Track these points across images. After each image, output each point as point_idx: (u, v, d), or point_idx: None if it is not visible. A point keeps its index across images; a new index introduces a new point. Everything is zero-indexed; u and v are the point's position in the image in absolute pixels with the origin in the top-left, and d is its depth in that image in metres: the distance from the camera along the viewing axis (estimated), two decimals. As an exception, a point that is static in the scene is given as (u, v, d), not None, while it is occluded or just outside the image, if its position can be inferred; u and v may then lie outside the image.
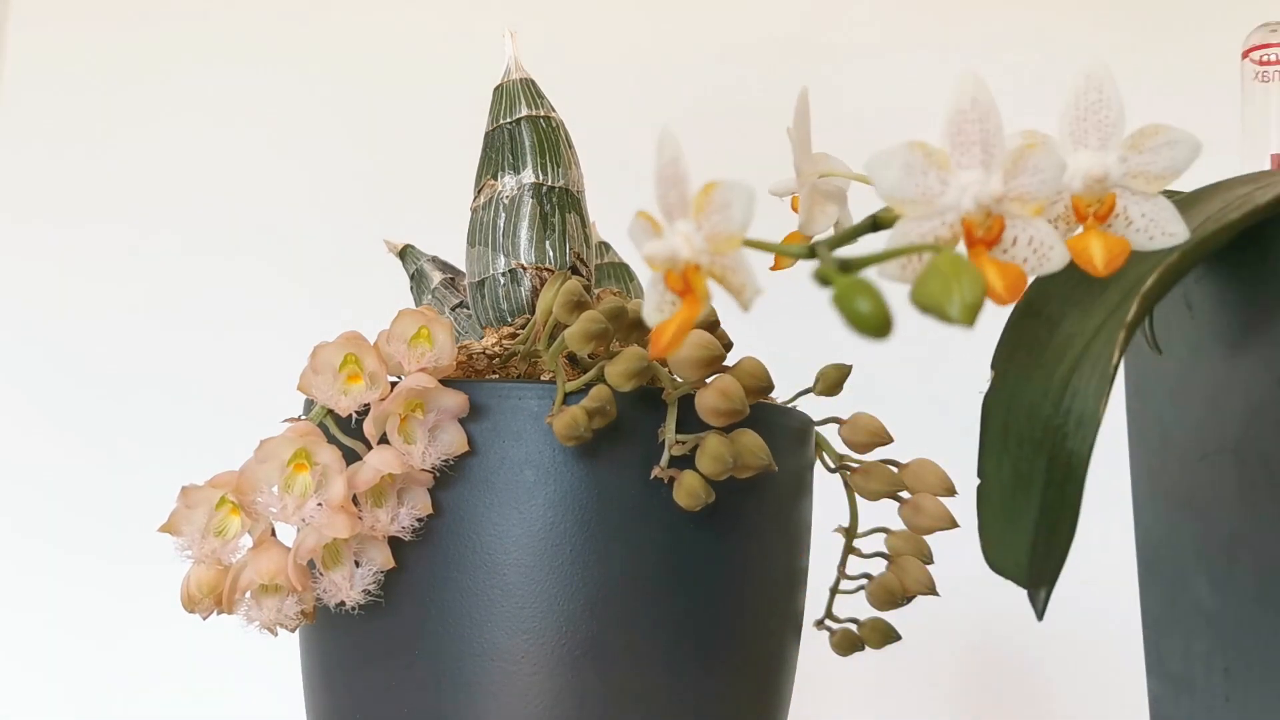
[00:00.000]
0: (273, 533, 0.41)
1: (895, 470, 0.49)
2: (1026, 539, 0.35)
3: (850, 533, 0.51)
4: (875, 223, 0.32)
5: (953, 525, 0.47)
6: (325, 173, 0.93)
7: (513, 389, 0.43)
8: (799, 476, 0.48)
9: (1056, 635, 0.86)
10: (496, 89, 0.50)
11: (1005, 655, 0.86)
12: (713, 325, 0.43)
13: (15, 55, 0.94)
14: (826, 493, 0.50)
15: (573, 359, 0.46)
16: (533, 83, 0.49)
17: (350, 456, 0.41)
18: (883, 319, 0.26)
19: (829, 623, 0.52)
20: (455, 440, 0.42)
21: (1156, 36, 0.91)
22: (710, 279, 0.30)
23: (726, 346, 0.45)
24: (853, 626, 0.52)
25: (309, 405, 0.45)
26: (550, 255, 0.48)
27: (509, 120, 0.49)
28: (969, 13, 0.94)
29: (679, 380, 0.42)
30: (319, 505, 0.40)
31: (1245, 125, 0.47)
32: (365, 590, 0.41)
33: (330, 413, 0.42)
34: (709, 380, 0.41)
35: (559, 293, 0.42)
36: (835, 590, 0.52)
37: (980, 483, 0.36)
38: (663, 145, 0.30)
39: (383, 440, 0.41)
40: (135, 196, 0.92)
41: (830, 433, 0.49)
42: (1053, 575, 0.35)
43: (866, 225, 0.32)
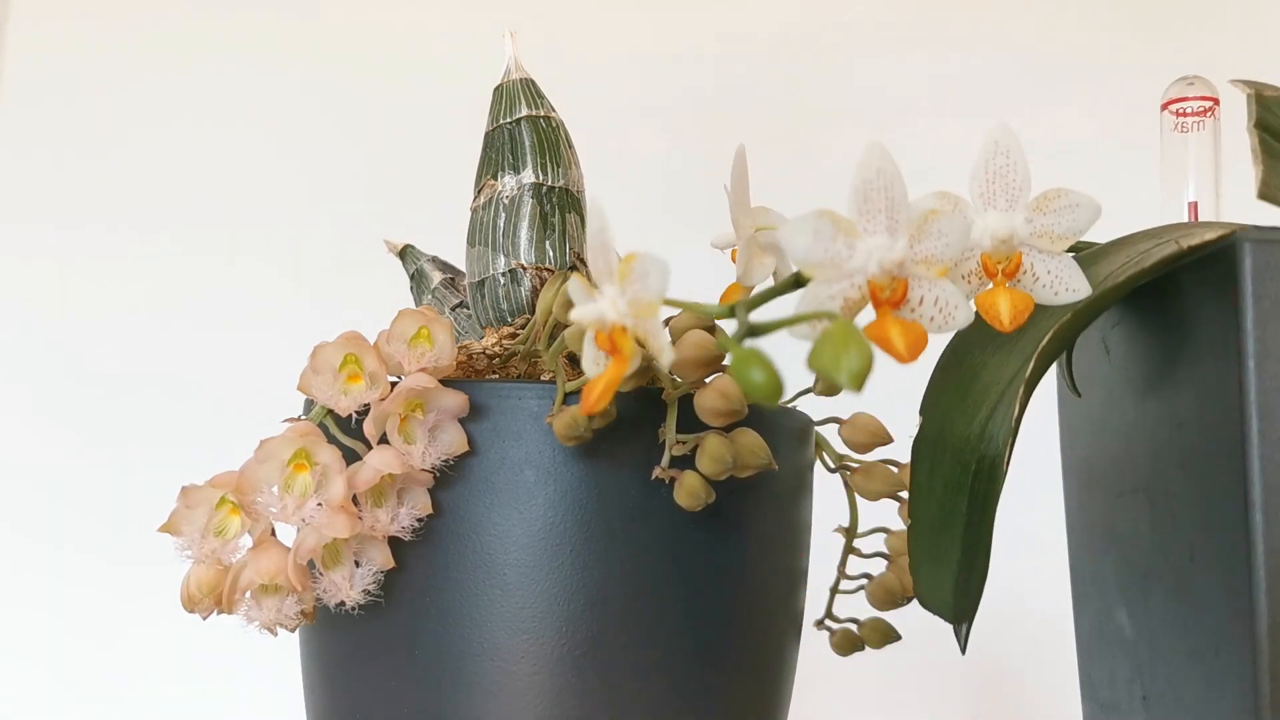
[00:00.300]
0: (273, 533, 0.41)
1: (895, 470, 0.49)
2: (951, 576, 0.37)
3: (850, 533, 0.51)
4: (798, 280, 0.33)
5: (952, 525, 0.47)
6: (325, 173, 0.93)
7: (513, 389, 0.43)
8: (799, 476, 0.48)
9: (1056, 635, 0.86)
10: (496, 89, 0.50)
11: (1005, 655, 0.86)
12: (711, 326, 0.43)
13: (15, 55, 0.94)
14: (826, 493, 0.50)
15: (573, 359, 0.46)
16: (533, 83, 0.49)
17: (350, 456, 0.41)
18: (774, 388, 0.28)
19: (829, 623, 0.52)
20: (455, 440, 0.42)
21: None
22: (635, 340, 0.32)
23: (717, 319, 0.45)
24: (853, 626, 0.52)
25: (309, 405, 0.45)
26: (550, 255, 0.48)
27: (509, 120, 0.49)
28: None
29: (679, 380, 0.42)
30: (319, 505, 0.40)
31: (1164, 175, 0.50)
32: (365, 590, 0.41)
33: (330, 413, 0.42)
34: (709, 380, 0.41)
35: (560, 293, 0.42)
36: (835, 590, 0.52)
37: (910, 523, 0.38)
38: (591, 216, 0.33)
39: (383, 440, 0.41)
40: (135, 196, 0.92)
41: (830, 433, 0.49)
42: (972, 610, 0.37)
43: (789, 284, 0.34)
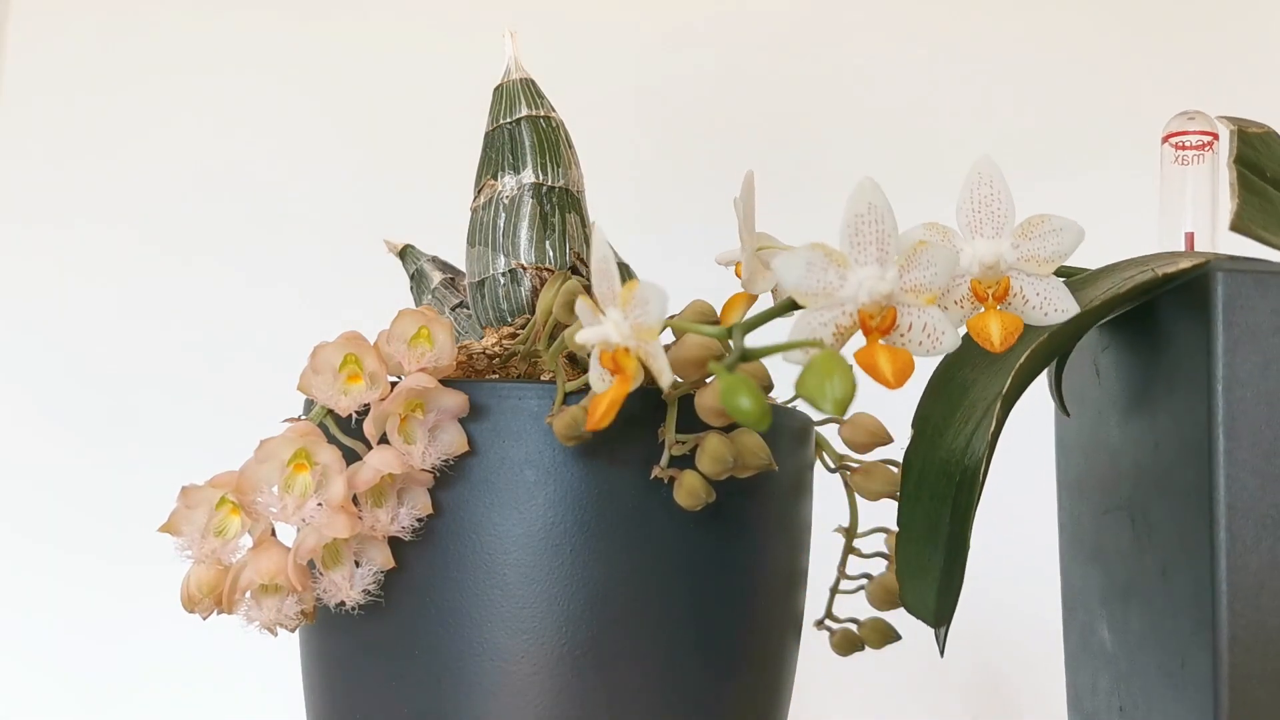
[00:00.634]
0: (273, 533, 0.41)
1: (895, 470, 0.49)
2: (934, 583, 0.39)
3: (850, 533, 0.51)
4: (794, 303, 0.35)
5: (952, 525, 0.47)
6: (325, 173, 0.93)
7: (513, 389, 0.43)
8: (799, 476, 0.48)
9: (1057, 635, 0.86)
10: (496, 89, 0.50)
11: (1005, 655, 0.86)
12: (715, 319, 0.43)
13: (15, 55, 0.94)
14: (826, 493, 0.50)
15: (573, 359, 0.46)
16: (533, 83, 0.49)
17: (350, 456, 0.41)
18: (760, 413, 0.30)
19: (829, 623, 0.52)
20: (455, 440, 0.42)
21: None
22: (638, 360, 0.34)
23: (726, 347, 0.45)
24: (853, 626, 0.52)
25: (309, 405, 0.45)
26: (550, 255, 0.48)
27: (509, 120, 0.49)
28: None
29: (679, 380, 0.42)
30: (319, 505, 0.40)
31: (1163, 204, 0.51)
32: (365, 590, 0.41)
33: (330, 413, 0.42)
34: (709, 380, 0.41)
35: (559, 293, 0.42)
36: (835, 590, 0.52)
37: (899, 531, 0.40)
38: (595, 244, 0.35)
39: (383, 440, 0.41)
40: (135, 196, 0.92)
41: (830, 433, 0.49)
42: (949, 614, 0.39)
43: (785, 306, 0.36)
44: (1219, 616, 0.36)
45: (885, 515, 0.50)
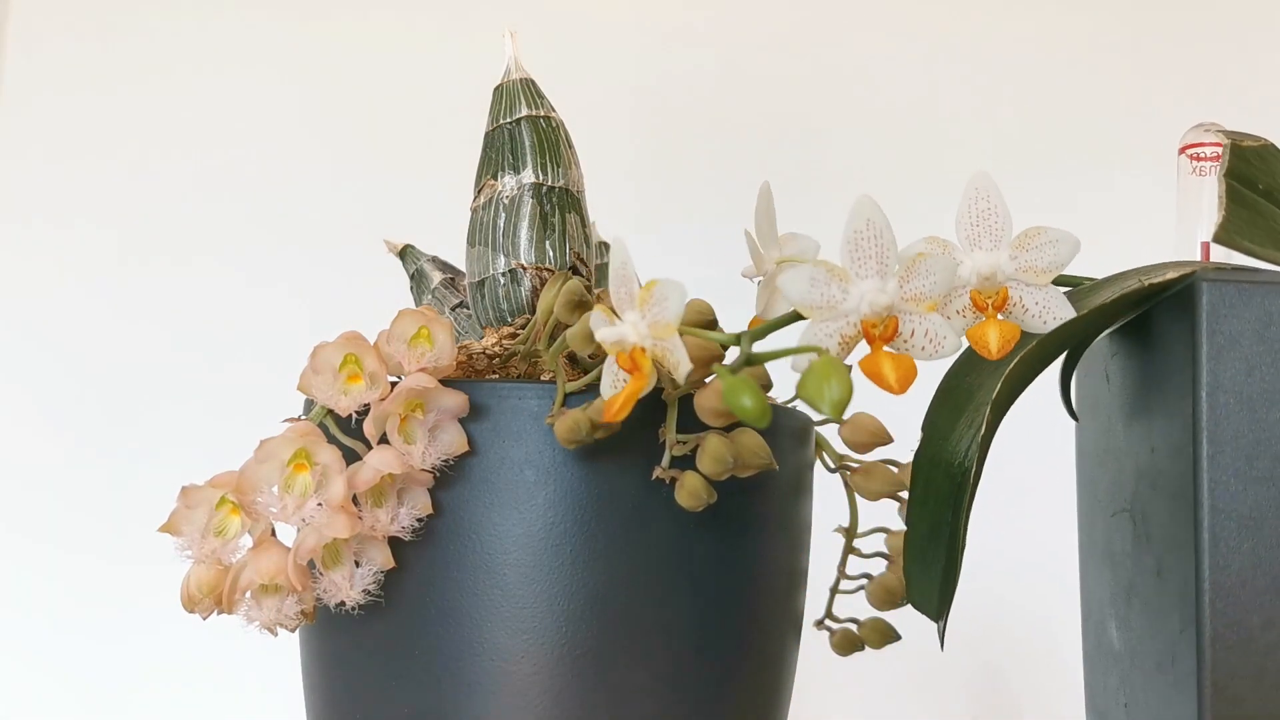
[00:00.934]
0: (273, 533, 0.41)
1: (895, 470, 0.49)
2: (937, 581, 0.40)
3: (850, 533, 0.51)
4: (799, 315, 0.37)
5: (952, 525, 0.47)
6: (326, 173, 0.93)
7: (513, 389, 0.43)
8: (799, 476, 0.48)
9: (1056, 636, 0.86)
10: (496, 89, 0.50)
11: (1004, 655, 0.86)
12: (711, 325, 0.43)
13: (15, 55, 0.94)
14: (826, 493, 0.50)
15: (573, 359, 0.46)
16: (533, 83, 0.49)
17: (350, 456, 0.41)
18: (761, 411, 0.32)
19: (829, 623, 0.52)
20: (455, 440, 0.42)
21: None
22: (653, 359, 0.36)
23: (725, 347, 0.45)
24: (853, 626, 0.52)
25: (309, 405, 0.45)
26: (550, 255, 0.48)
27: (509, 120, 0.49)
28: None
29: (690, 367, 0.42)
30: (319, 505, 0.40)
31: (1179, 214, 0.52)
32: (365, 590, 0.41)
33: (330, 413, 0.42)
34: (709, 380, 0.41)
35: (560, 293, 0.42)
36: (835, 590, 0.52)
37: (907, 530, 0.41)
38: (615, 252, 0.37)
39: (383, 440, 0.41)
40: (135, 196, 0.92)
41: (830, 433, 0.49)
42: (947, 608, 0.41)
43: (789, 318, 0.37)
44: (1202, 614, 0.37)
45: (885, 515, 0.50)
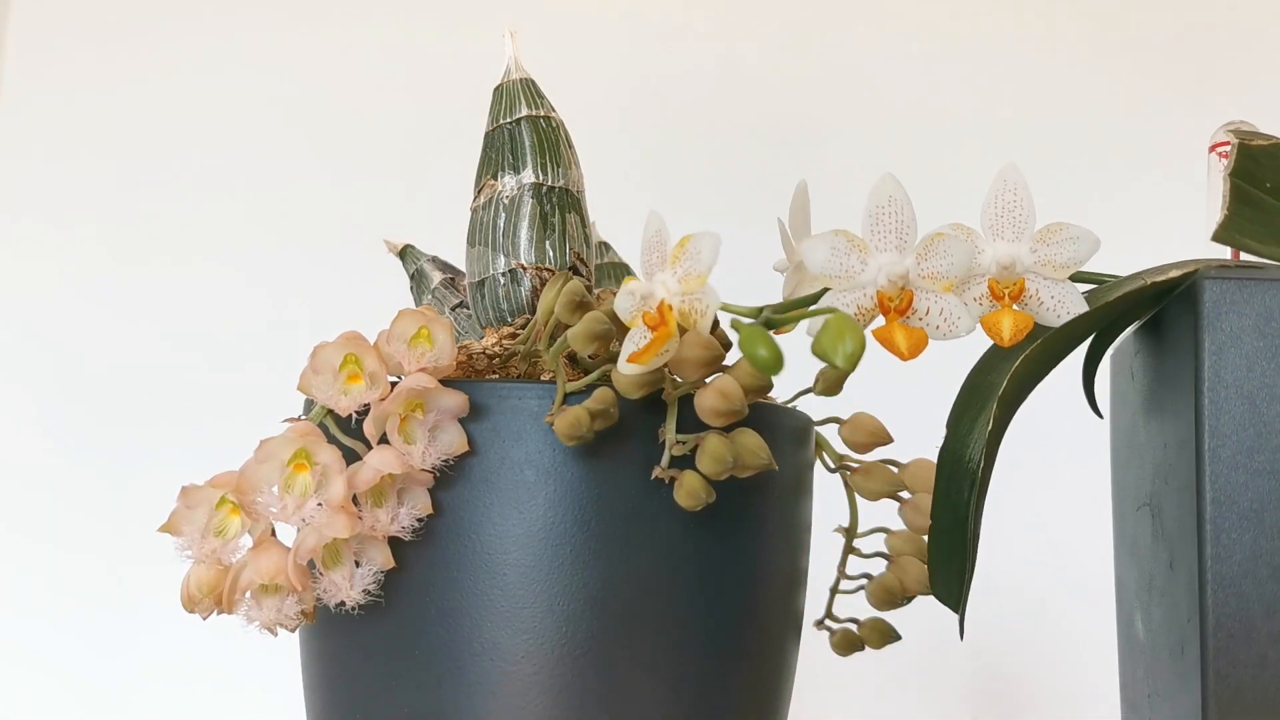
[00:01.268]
0: (273, 533, 0.41)
1: (895, 470, 0.49)
2: (958, 572, 0.42)
3: (850, 533, 0.51)
4: (819, 299, 0.39)
5: (953, 525, 0.47)
6: (325, 173, 0.93)
7: (513, 389, 0.43)
8: (799, 476, 0.48)
9: (1056, 636, 0.86)
10: (496, 89, 0.50)
11: (1005, 655, 0.86)
12: (712, 325, 0.43)
13: (15, 55, 0.94)
14: (826, 493, 0.50)
15: (573, 359, 0.46)
16: (533, 83, 0.49)
17: (350, 456, 0.41)
18: (775, 359, 0.34)
19: (829, 623, 0.52)
20: (455, 440, 0.42)
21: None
22: (680, 315, 0.37)
23: (726, 346, 0.45)
24: (853, 626, 0.52)
25: (309, 405, 0.45)
26: (550, 255, 0.48)
27: (509, 120, 0.49)
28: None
29: (679, 380, 0.42)
30: (319, 505, 0.40)
31: (1210, 214, 0.52)
32: (365, 590, 0.41)
33: (330, 413, 0.42)
34: (708, 380, 0.41)
35: (561, 293, 0.42)
36: (835, 590, 0.52)
37: (931, 524, 0.42)
38: (649, 222, 0.39)
39: (383, 440, 0.41)
40: (135, 196, 0.92)
41: (830, 433, 0.49)
42: (963, 600, 0.42)
43: (814, 297, 0.39)
44: (1205, 604, 0.38)
45: (885, 515, 0.50)
